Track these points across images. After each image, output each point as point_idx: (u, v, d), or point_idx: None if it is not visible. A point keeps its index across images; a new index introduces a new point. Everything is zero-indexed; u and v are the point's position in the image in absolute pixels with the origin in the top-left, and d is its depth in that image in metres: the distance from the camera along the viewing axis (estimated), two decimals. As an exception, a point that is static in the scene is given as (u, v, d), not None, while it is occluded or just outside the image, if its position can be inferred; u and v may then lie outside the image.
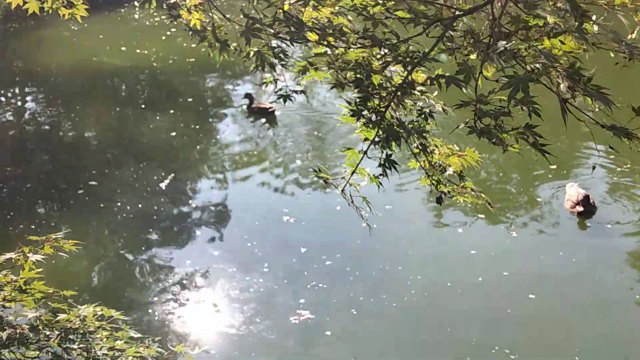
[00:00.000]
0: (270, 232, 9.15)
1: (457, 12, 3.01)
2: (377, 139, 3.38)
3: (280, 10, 3.38)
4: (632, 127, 2.65)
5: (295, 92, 4.31)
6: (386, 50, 3.24)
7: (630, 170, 10.40)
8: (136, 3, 4.27)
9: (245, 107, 13.25)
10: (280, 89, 4.28)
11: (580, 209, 9.12)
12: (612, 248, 8.64)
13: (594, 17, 2.74)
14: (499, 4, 2.84)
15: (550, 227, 9.16)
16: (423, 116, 3.73)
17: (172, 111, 13.41)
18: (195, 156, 11.77)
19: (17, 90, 15.22)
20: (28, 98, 14.91)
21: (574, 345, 6.97)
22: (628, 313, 7.49)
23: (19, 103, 14.65)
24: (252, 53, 3.80)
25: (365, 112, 3.37)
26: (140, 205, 9.96)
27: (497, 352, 6.95)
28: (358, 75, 3.33)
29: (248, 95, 13.17)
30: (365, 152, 3.45)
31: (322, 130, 12.63)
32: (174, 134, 12.37)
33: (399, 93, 3.25)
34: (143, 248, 9.09)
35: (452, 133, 3.12)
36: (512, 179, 10.63)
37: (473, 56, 3.05)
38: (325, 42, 3.34)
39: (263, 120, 12.88)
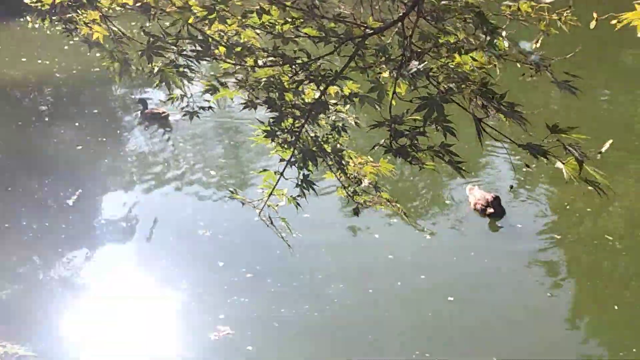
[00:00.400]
0: (185, 246, 8.89)
1: (368, 30, 2.95)
2: (293, 159, 3.29)
3: (184, 28, 3.22)
4: (547, 145, 2.66)
5: (203, 108, 4.18)
6: (297, 68, 3.14)
7: (536, 170, 10.73)
8: (29, 18, 4.01)
9: (139, 112, 12.98)
10: (187, 105, 4.14)
11: (491, 210, 9.32)
12: (525, 248, 8.86)
13: (503, 33, 2.74)
14: (409, 19, 2.80)
15: (462, 229, 9.33)
16: (336, 130, 3.68)
17: (77, 123, 12.88)
18: (102, 169, 11.34)
19: None
20: None
21: (493, 346, 7.09)
22: (542, 312, 7.71)
23: None
24: (156, 69, 3.63)
25: (279, 132, 3.27)
26: (47, 224, 9.50)
27: (418, 356, 6.98)
28: (270, 94, 3.22)
29: (142, 101, 12.91)
30: (282, 174, 3.35)
31: (235, 138, 12.45)
32: (80, 147, 11.88)
33: (313, 112, 3.17)
34: (52, 269, 8.66)
35: (370, 151, 3.06)
36: (421, 180, 10.83)
37: (385, 74, 3.01)
38: (234, 58, 3.22)
39: (168, 128, 12.62)
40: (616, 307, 7.75)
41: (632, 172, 11.09)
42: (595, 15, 2.79)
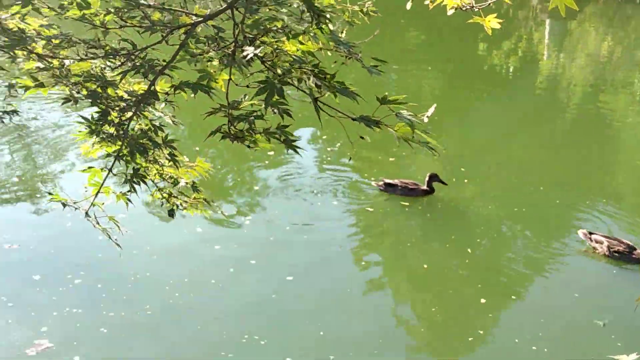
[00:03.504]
0: (-8, 263, 8.21)
1: (196, 18, 2.93)
2: (120, 154, 3.17)
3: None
4: (379, 116, 2.83)
5: (7, 112, 3.92)
6: (123, 59, 3.04)
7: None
8: None
9: None
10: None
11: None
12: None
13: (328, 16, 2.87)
14: (237, 11, 2.82)
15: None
16: (153, 130, 3.60)
17: None
18: None
19: None
20: None
21: (319, 326, 7.37)
22: (369, 286, 8.17)
23: None
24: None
25: (105, 127, 3.14)
26: None
27: (248, 340, 7.05)
28: (95, 88, 3.08)
29: None
30: (110, 170, 3.22)
31: (24, 141, 11.69)
32: None
33: (142, 103, 3.09)
34: None
35: (207, 138, 3.05)
36: (231, 169, 11.03)
37: (215, 62, 3.01)
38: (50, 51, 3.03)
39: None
40: (425, 266, 8.43)
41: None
42: (410, -5, 3.02)
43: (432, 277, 8.29)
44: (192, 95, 3.03)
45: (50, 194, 3.80)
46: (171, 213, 4.26)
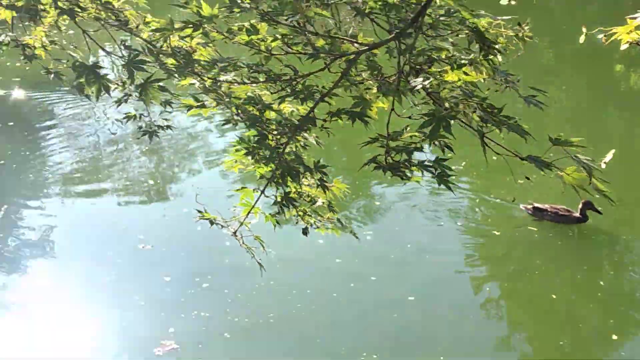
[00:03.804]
0: (127, 262, 8.59)
1: (359, 46, 2.93)
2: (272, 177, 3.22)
3: (167, 44, 3.10)
4: (549, 158, 2.70)
5: (161, 127, 4.08)
6: (284, 85, 3.08)
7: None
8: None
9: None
10: (145, 125, 4.04)
11: None
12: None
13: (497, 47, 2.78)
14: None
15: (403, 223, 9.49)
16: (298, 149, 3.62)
17: (-6, 137, 12.32)
18: (28, 184, 10.84)
19: None
20: None
21: (438, 351, 7.20)
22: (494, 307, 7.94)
23: None
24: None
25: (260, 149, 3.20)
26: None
27: (366, 357, 7.00)
28: (254, 112, 3.14)
29: None
30: (263, 192, 3.28)
31: (168, 143, 12.21)
32: (2, 162, 11.33)
33: (299, 129, 3.12)
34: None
35: (361, 168, 3.03)
36: (351, 182, 10.99)
37: (374, 90, 3.00)
38: (215, 74, 3.12)
39: (100, 139, 12.26)
40: (554, 296, 8.06)
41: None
42: (584, 29, 2.86)
43: (560, 309, 7.93)
44: (350, 122, 3.02)
45: (199, 211, 3.93)
46: (305, 231, 4.29)
